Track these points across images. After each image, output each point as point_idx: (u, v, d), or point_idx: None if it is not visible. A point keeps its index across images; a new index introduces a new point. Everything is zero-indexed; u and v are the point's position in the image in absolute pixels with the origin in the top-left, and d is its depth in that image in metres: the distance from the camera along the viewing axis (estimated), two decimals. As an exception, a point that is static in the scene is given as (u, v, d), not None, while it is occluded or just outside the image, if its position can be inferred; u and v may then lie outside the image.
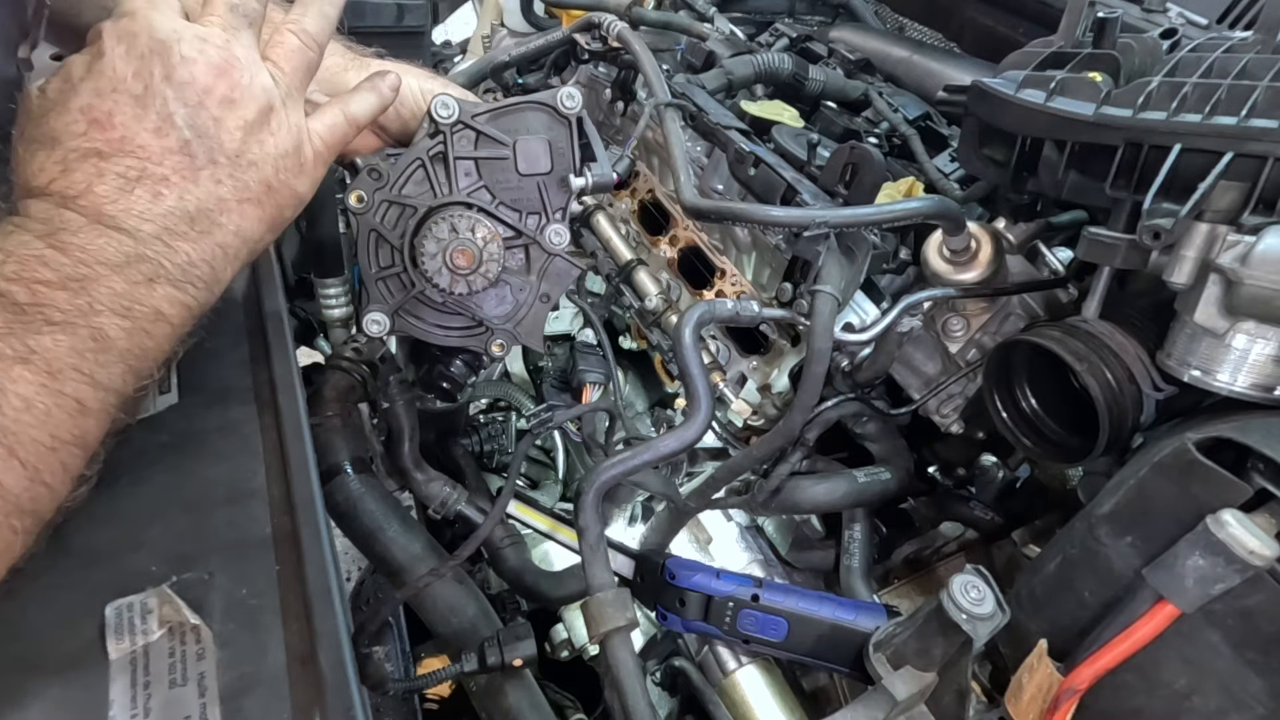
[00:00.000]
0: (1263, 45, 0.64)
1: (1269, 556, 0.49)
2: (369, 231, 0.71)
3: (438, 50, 1.92)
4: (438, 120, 0.69)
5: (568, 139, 0.73)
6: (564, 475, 1.21)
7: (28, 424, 0.47)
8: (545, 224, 0.74)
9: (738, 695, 0.81)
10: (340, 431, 0.82)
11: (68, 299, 0.50)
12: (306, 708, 0.47)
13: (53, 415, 0.49)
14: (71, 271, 0.51)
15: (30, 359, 0.48)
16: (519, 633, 0.73)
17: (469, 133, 0.71)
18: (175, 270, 0.55)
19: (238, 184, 0.58)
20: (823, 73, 1.04)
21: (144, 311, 0.53)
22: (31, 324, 0.48)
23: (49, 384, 0.49)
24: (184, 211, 0.55)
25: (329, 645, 0.50)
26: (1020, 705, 0.60)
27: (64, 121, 0.54)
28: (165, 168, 0.55)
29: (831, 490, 0.83)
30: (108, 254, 0.52)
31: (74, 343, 0.50)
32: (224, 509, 0.57)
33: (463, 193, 0.71)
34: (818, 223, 0.71)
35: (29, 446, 0.47)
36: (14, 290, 0.49)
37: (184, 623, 0.50)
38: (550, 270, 0.75)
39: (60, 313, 0.50)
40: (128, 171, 0.54)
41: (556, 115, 0.73)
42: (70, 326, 0.50)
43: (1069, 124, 0.65)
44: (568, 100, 0.72)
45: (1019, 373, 0.73)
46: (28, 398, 0.47)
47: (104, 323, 0.51)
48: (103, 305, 0.51)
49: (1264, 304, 0.55)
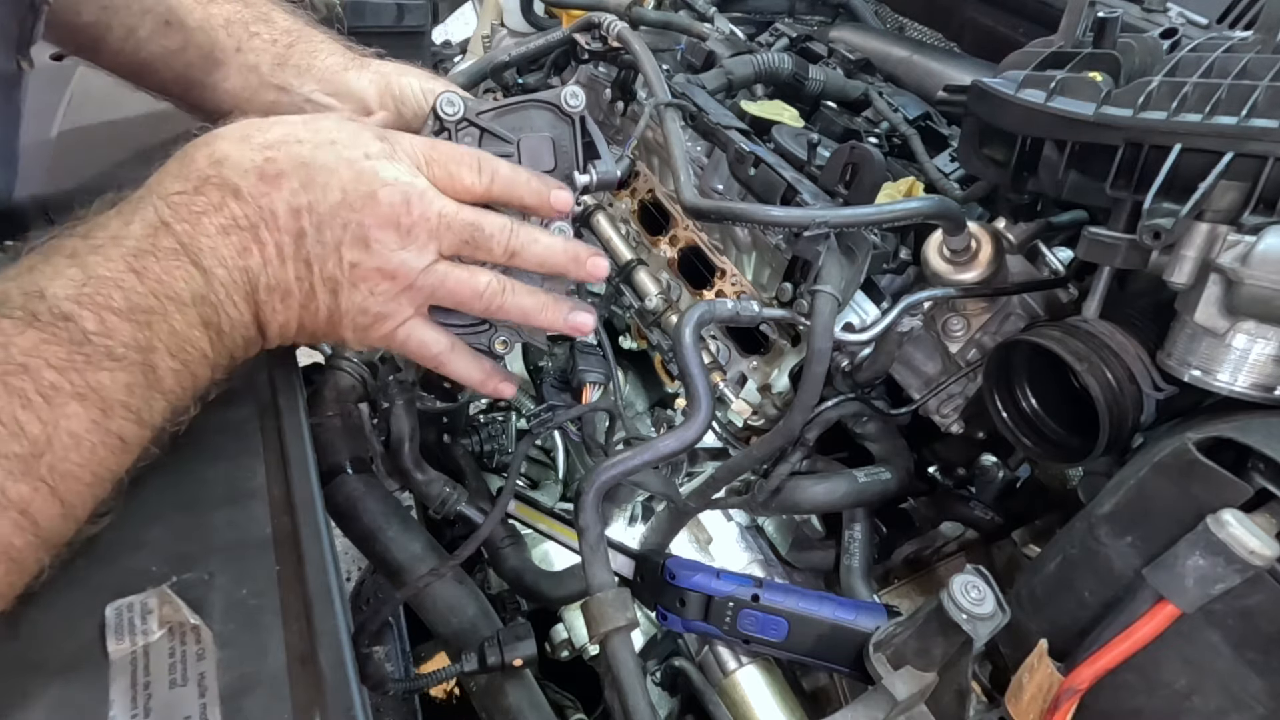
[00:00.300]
0: (1263, 45, 0.64)
1: (1269, 556, 0.49)
2: None
3: (438, 50, 1.92)
4: (443, 118, 0.69)
5: (571, 137, 0.73)
6: (564, 475, 1.21)
7: (74, 462, 0.47)
8: (549, 221, 0.73)
9: (738, 695, 0.81)
10: (340, 431, 0.82)
11: (132, 333, 0.50)
12: (306, 708, 0.47)
13: (97, 452, 0.49)
14: (141, 302, 0.51)
15: (87, 395, 0.48)
16: (519, 633, 0.73)
17: (473, 130, 0.71)
18: (225, 322, 0.56)
19: (310, 292, 0.59)
20: (823, 73, 1.04)
21: (193, 354, 0.54)
22: (93, 358, 0.48)
23: (100, 421, 0.49)
24: (256, 277, 0.57)
25: (329, 645, 0.50)
26: (1020, 705, 0.60)
27: (241, 151, 0.56)
28: (271, 237, 0.57)
29: (831, 490, 0.83)
30: (179, 288, 0.53)
31: (129, 380, 0.50)
32: (224, 509, 0.57)
33: None
34: (818, 223, 0.71)
35: (70, 483, 0.47)
36: (84, 316, 0.49)
37: (184, 623, 0.50)
38: None
39: (123, 348, 0.50)
40: (242, 220, 0.55)
41: (560, 113, 0.73)
42: (129, 363, 0.50)
43: (1069, 124, 0.65)
44: (571, 99, 0.72)
45: (1019, 373, 0.73)
46: (77, 435, 0.47)
47: (158, 361, 0.52)
48: (160, 343, 0.52)
49: (1264, 304, 0.55)
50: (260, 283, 0.57)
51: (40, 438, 0.46)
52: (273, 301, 0.58)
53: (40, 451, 0.46)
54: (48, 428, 0.46)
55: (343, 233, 0.58)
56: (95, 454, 0.49)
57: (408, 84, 0.80)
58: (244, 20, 0.81)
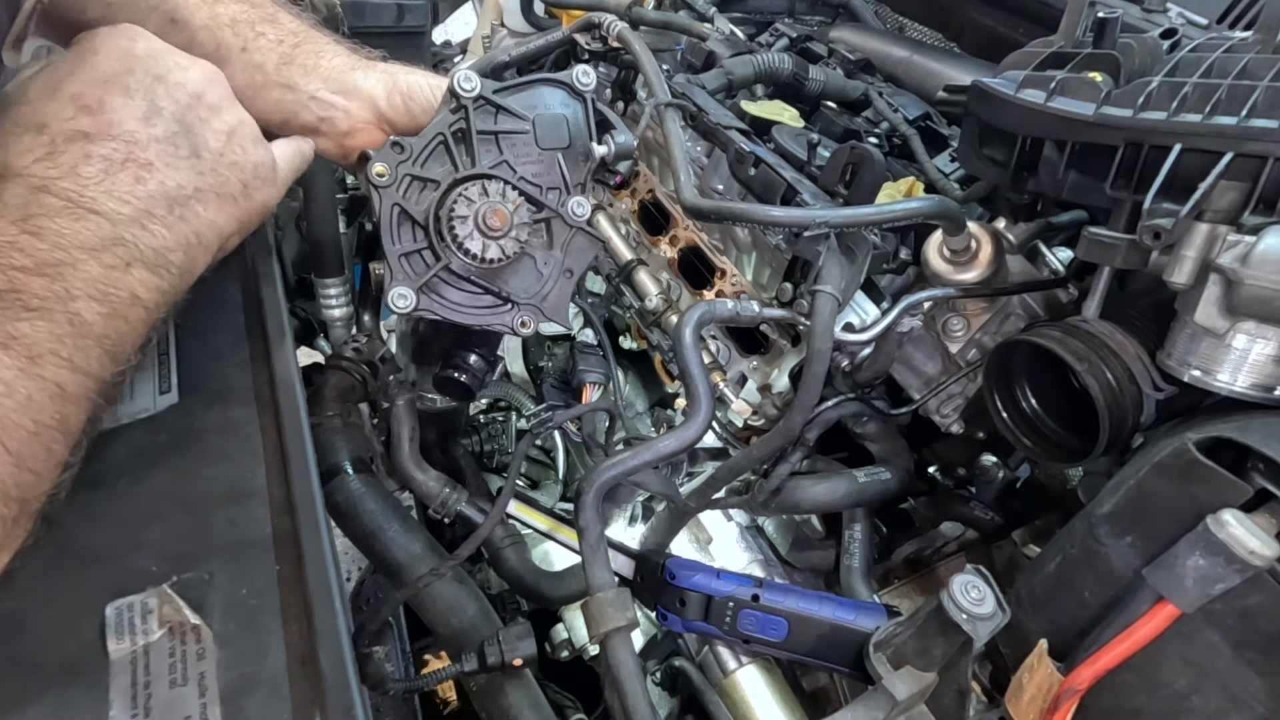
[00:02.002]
0: (1263, 45, 0.64)
1: (1269, 556, 0.49)
2: (392, 206, 0.70)
3: (438, 50, 1.92)
4: (460, 94, 0.70)
5: (584, 114, 0.75)
6: (564, 475, 1.21)
7: (9, 409, 0.47)
8: (566, 197, 0.74)
9: (738, 695, 0.81)
10: (340, 431, 0.82)
11: (44, 285, 0.50)
12: (306, 708, 0.47)
13: (34, 400, 0.49)
14: (48, 256, 0.51)
15: (10, 345, 0.48)
16: (519, 633, 0.73)
17: (489, 108, 0.72)
18: (150, 254, 0.56)
19: (218, 178, 0.60)
20: (823, 73, 1.04)
21: (120, 296, 0.54)
22: (9, 310, 0.49)
23: (29, 369, 0.49)
24: (164, 195, 0.57)
25: (329, 645, 0.49)
26: (1020, 705, 0.60)
27: (53, 108, 0.55)
28: (150, 153, 0.57)
29: (831, 490, 0.83)
30: (84, 238, 0.52)
31: (52, 328, 0.50)
32: (224, 509, 0.57)
33: (485, 167, 0.72)
34: (818, 223, 0.71)
35: (12, 431, 0.48)
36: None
37: (184, 623, 0.50)
38: (573, 245, 0.75)
39: (38, 299, 0.50)
40: (113, 154, 0.55)
41: (572, 92, 0.75)
42: (48, 313, 0.50)
43: (1069, 124, 0.65)
44: (583, 77, 0.74)
45: (1019, 373, 0.73)
46: (8, 382, 0.48)
47: (81, 308, 0.52)
48: (79, 291, 0.52)
49: (1264, 304, 0.55)
50: (170, 198, 0.57)
51: None
52: (191, 210, 0.59)
53: None
54: None
55: (198, 108, 0.60)
56: (33, 401, 0.49)
57: (415, 81, 0.81)
58: (250, 20, 0.81)
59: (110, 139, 0.55)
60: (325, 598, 0.52)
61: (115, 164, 0.55)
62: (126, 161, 0.55)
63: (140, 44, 0.59)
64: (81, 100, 0.55)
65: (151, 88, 0.58)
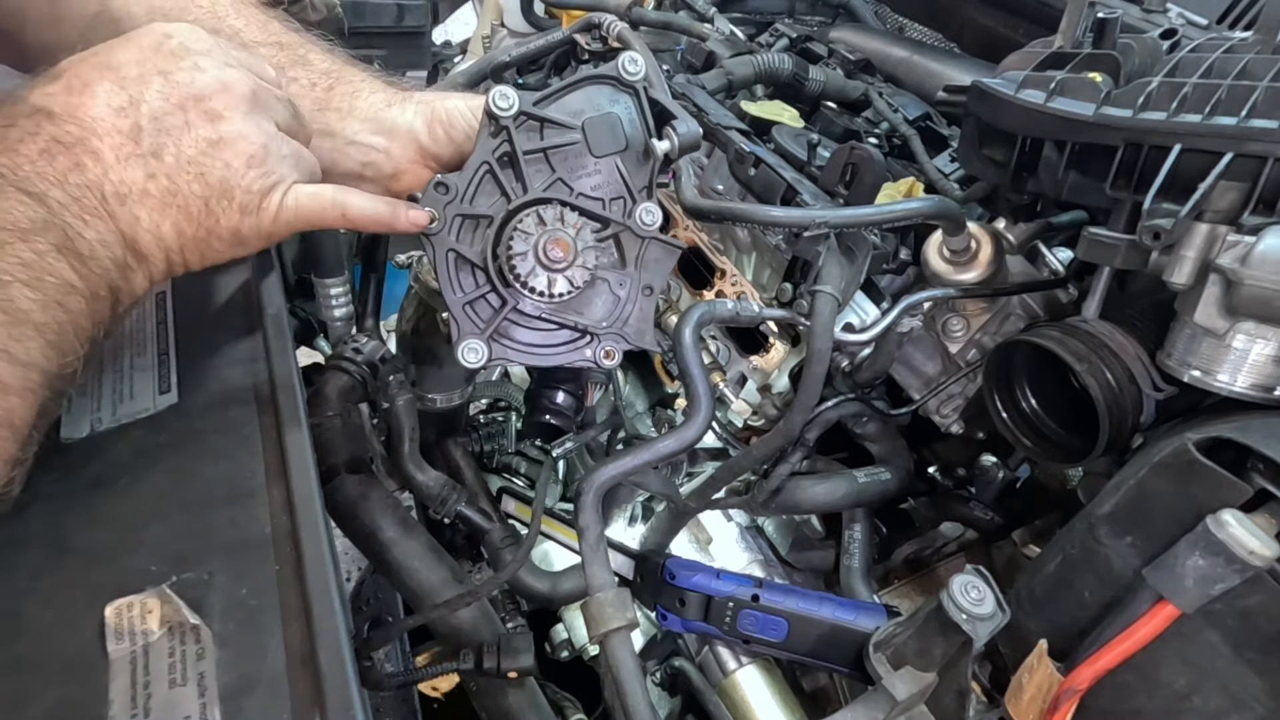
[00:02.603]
0: (1263, 45, 0.64)
1: (1269, 556, 0.49)
2: (447, 253, 0.64)
3: (438, 50, 1.92)
4: (498, 114, 0.64)
5: (637, 108, 0.67)
6: (564, 475, 1.21)
7: None
8: (632, 206, 0.67)
9: (738, 695, 0.81)
10: (340, 431, 0.82)
11: None
12: (306, 708, 0.47)
13: None
14: None
15: None
16: (520, 644, 0.73)
17: (532, 124, 0.65)
18: (83, 245, 0.53)
19: (171, 185, 0.56)
20: (823, 73, 1.04)
21: (54, 283, 0.51)
22: None
23: None
24: (98, 187, 0.54)
25: (329, 645, 0.49)
26: (1020, 705, 0.60)
27: (44, 82, 0.54)
28: (103, 143, 0.54)
29: (831, 490, 0.83)
30: (16, 216, 0.50)
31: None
32: (224, 509, 0.57)
33: (538, 190, 0.66)
34: (818, 223, 0.71)
35: None
36: None
37: (184, 623, 0.50)
38: (647, 257, 0.68)
39: None
40: (64, 136, 0.53)
41: (619, 85, 0.66)
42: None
43: (1069, 124, 0.65)
44: (630, 65, 0.66)
45: (1019, 373, 0.73)
46: None
47: (14, 294, 0.49)
48: (11, 275, 0.49)
49: (1264, 304, 0.55)
50: (106, 191, 0.54)
51: None
52: (129, 210, 0.55)
53: None
54: None
55: (184, 113, 0.56)
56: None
57: (454, 106, 0.76)
58: (280, 65, 0.77)
59: (71, 121, 0.53)
60: (325, 598, 0.52)
61: (62, 147, 0.53)
62: (74, 146, 0.53)
63: (177, 39, 0.57)
64: (72, 79, 0.54)
65: (146, 80, 0.55)
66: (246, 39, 0.77)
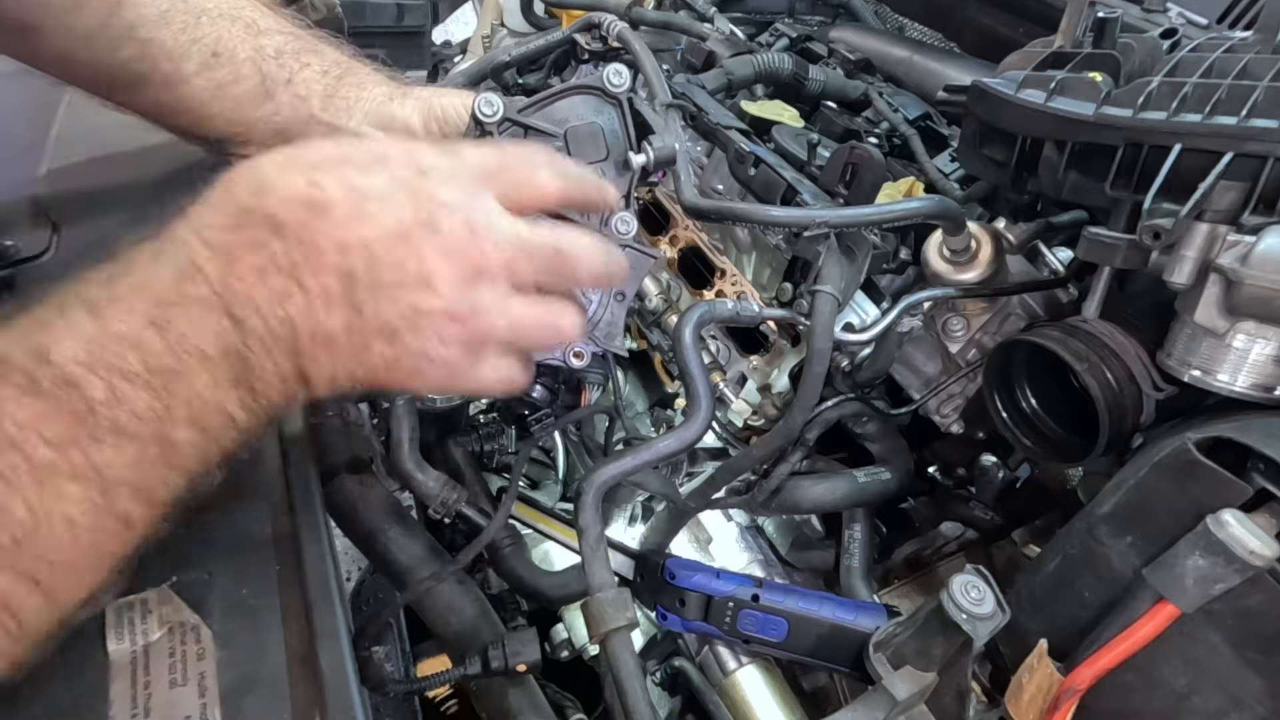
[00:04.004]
0: (1263, 45, 0.64)
1: (1269, 556, 0.49)
2: None
3: (438, 50, 1.92)
4: (483, 120, 0.66)
5: (620, 119, 0.69)
6: (564, 475, 1.21)
7: (65, 549, 0.42)
8: (609, 214, 0.70)
9: (738, 695, 0.81)
10: (340, 431, 0.82)
11: (146, 402, 0.44)
12: (306, 708, 0.47)
13: (94, 538, 0.44)
14: (159, 363, 0.45)
15: (85, 477, 0.43)
16: (524, 638, 0.73)
17: (517, 130, 0.68)
18: (260, 379, 0.49)
19: (363, 342, 0.50)
20: (823, 73, 1.04)
21: (217, 422, 0.48)
22: (97, 432, 0.43)
23: (99, 503, 0.43)
24: (295, 323, 0.49)
25: (329, 645, 0.50)
26: (1020, 705, 0.60)
27: (285, 176, 0.49)
28: (316, 280, 0.48)
29: (831, 490, 0.83)
30: (206, 341, 0.46)
31: (138, 456, 0.44)
32: (224, 509, 0.57)
33: None
34: (818, 223, 0.71)
35: (59, 574, 0.43)
36: (91, 383, 0.43)
37: (184, 622, 0.50)
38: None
39: (135, 420, 0.44)
40: (283, 258, 0.48)
41: (604, 97, 0.69)
42: (138, 437, 0.44)
43: (1069, 124, 0.65)
44: (614, 78, 0.68)
45: (1019, 373, 0.73)
46: (72, 519, 0.42)
47: (174, 433, 0.46)
48: (180, 413, 0.46)
49: (1264, 304, 0.55)
50: (303, 331, 0.49)
51: (27, 524, 0.41)
52: (316, 352, 0.50)
53: (25, 540, 0.41)
54: (37, 514, 0.41)
55: (400, 271, 0.49)
56: (92, 540, 0.43)
57: (449, 104, 0.77)
58: (295, 51, 0.78)
59: (298, 243, 0.48)
60: (325, 598, 0.52)
61: (278, 270, 0.48)
62: (290, 271, 0.48)
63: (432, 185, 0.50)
64: (315, 190, 0.48)
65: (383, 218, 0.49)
66: (263, 27, 0.78)
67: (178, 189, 0.86)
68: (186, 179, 0.88)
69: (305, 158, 0.50)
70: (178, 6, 0.74)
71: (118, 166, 0.90)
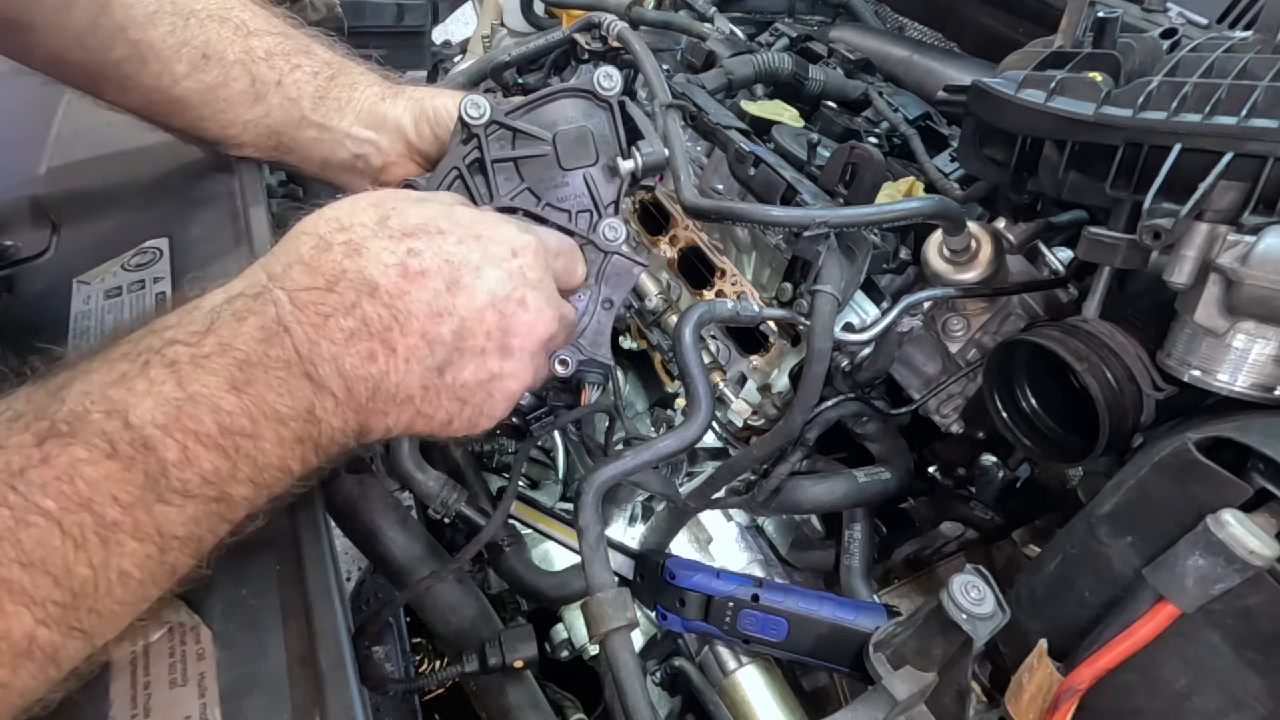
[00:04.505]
0: (1263, 45, 0.64)
1: (1269, 556, 0.49)
2: None
3: (438, 50, 1.92)
4: (469, 122, 0.65)
5: (610, 123, 0.68)
6: (564, 475, 1.21)
7: (116, 599, 0.43)
8: (597, 220, 0.69)
9: (738, 695, 0.81)
10: (340, 431, 0.82)
11: (214, 463, 0.45)
12: (306, 708, 0.47)
13: (145, 588, 0.44)
14: (233, 424, 0.45)
15: (146, 536, 0.43)
16: (521, 634, 0.73)
17: (504, 133, 0.66)
18: (326, 435, 0.50)
19: (435, 400, 0.54)
20: (823, 73, 1.04)
21: (275, 478, 0.49)
22: (165, 494, 0.43)
23: (154, 556, 0.44)
24: (373, 383, 0.50)
25: (329, 645, 0.49)
26: (1020, 705, 0.60)
27: (380, 241, 0.50)
28: (402, 343, 0.50)
29: (831, 490, 0.83)
30: (280, 405, 0.47)
31: (196, 513, 0.45)
32: (224, 509, 0.57)
33: (505, 198, 0.66)
34: (818, 223, 0.71)
35: (106, 622, 0.44)
36: (167, 445, 0.43)
37: (184, 623, 0.50)
38: (609, 271, 0.70)
39: (199, 481, 0.44)
40: (374, 321, 0.49)
41: (595, 100, 0.68)
42: (201, 498, 0.45)
43: (1069, 124, 0.65)
44: (605, 81, 0.67)
45: (1019, 373, 0.73)
46: (126, 573, 0.43)
47: (233, 491, 0.46)
48: (243, 473, 0.46)
49: (1264, 304, 0.55)
50: (382, 391, 0.51)
51: (87, 581, 0.41)
52: (385, 407, 0.52)
53: (83, 597, 0.41)
54: (97, 571, 0.42)
55: (486, 340, 0.53)
56: (142, 590, 0.44)
57: (441, 105, 0.77)
58: (286, 52, 0.78)
59: (389, 308, 0.49)
60: (325, 597, 0.52)
61: (368, 332, 0.49)
62: (378, 335, 0.49)
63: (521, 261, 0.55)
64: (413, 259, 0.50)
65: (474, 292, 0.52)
66: (252, 28, 0.77)
67: (177, 189, 0.86)
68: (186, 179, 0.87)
69: (396, 220, 0.52)
70: (166, 8, 0.74)
71: (117, 166, 0.90)
